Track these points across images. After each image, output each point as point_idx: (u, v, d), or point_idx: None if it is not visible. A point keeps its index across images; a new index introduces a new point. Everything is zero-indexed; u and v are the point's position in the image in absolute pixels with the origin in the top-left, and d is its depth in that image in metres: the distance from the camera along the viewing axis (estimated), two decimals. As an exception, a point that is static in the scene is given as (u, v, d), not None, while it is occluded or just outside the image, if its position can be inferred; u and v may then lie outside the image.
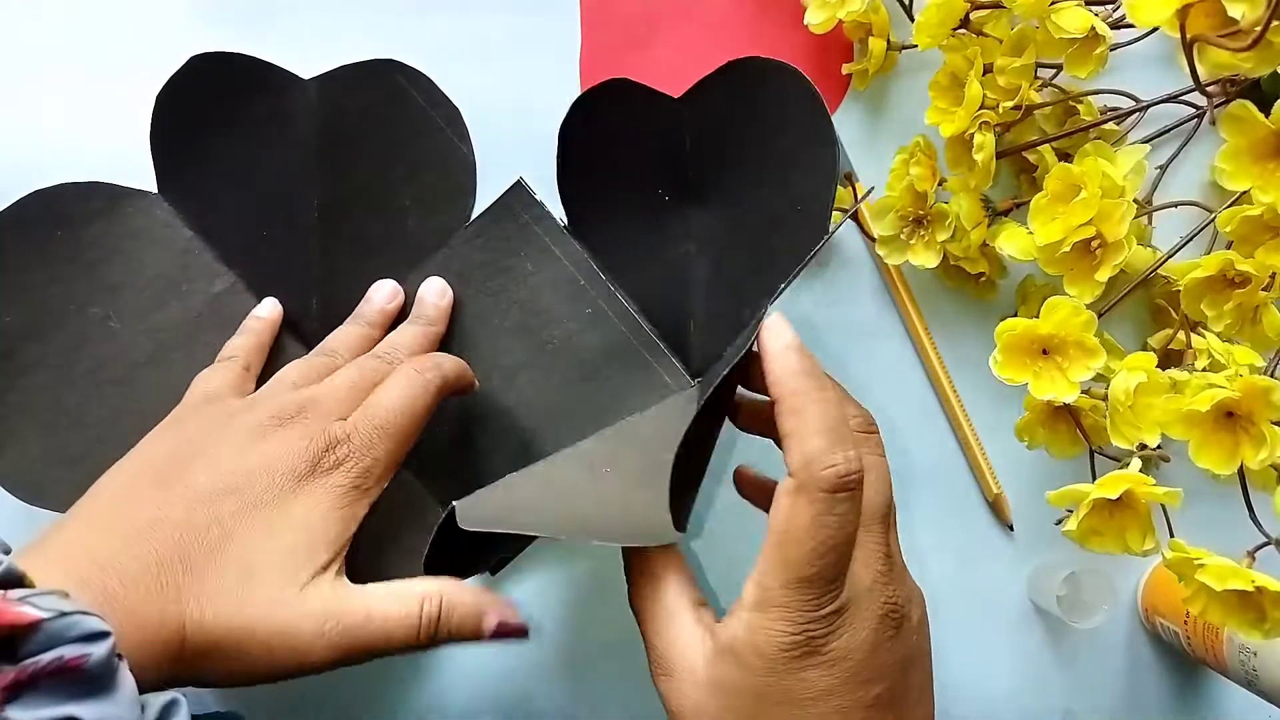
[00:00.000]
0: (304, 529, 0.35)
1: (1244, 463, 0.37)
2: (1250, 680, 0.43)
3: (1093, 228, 0.39)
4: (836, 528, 0.31)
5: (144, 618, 0.32)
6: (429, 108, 0.47)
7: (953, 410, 0.49)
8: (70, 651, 0.27)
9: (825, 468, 0.31)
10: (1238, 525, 0.39)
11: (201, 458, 0.37)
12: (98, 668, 0.27)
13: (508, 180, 0.48)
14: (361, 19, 0.49)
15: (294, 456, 0.36)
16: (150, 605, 0.32)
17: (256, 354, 0.44)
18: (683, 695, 0.34)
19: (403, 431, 0.39)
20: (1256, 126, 0.37)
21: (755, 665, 0.32)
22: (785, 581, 0.31)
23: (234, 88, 0.46)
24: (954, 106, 0.44)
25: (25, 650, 0.27)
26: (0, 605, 0.26)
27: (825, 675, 0.32)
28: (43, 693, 0.27)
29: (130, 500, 0.35)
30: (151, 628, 0.32)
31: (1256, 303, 0.41)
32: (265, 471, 0.36)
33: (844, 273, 0.50)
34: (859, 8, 0.45)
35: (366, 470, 0.37)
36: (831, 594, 0.31)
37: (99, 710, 0.27)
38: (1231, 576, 0.35)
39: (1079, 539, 0.39)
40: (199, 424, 0.39)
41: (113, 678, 0.28)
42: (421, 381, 0.40)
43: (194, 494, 0.35)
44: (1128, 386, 0.38)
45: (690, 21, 0.49)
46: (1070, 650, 0.49)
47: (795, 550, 0.31)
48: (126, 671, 0.29)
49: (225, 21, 0.49)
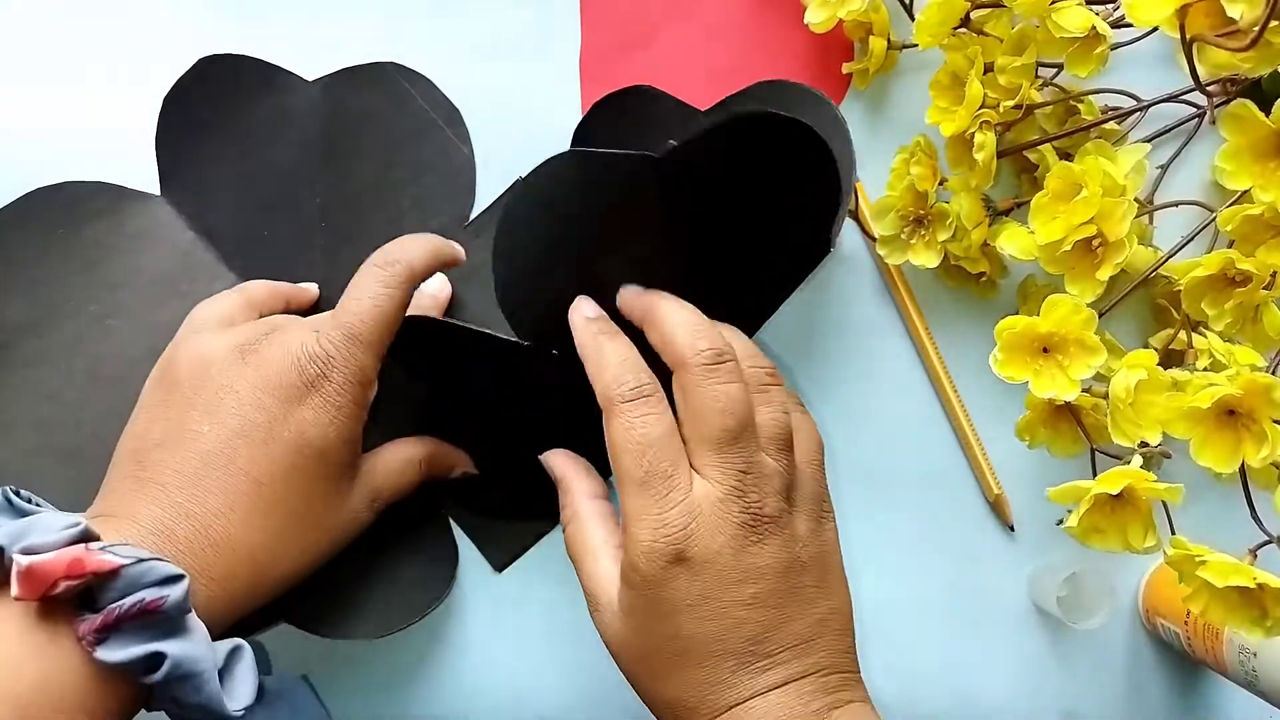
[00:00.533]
0: (320, 456, 0.37)
1: (1245, 461, 0.37)
2: (1250, 681, 0.43)
3: (1093, 227, 0.39)
4: (642, 428, 0.36)
5: (214, 574, 0.34)
6: (430, 109, 0.48)
7: (953, 410, 0.49)
8: (150, 595, 0.30)
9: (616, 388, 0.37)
10: (1239, 524, 0.39)
11: (201, 400, 0.37)
12: (175, 609, 0.30)
13: (507, 180, 0.49)
14: (361, 19, 0.49)
15: (277, 374, 0.37)
16: (215, 565, 0.34)
17: (267, 296, 0.44)
18: (605, 625, 0.38)
19: (379, 327, 0.39)
20: (1257, 126, 0.37)
21: (637, 581, 0.35)
22: (630, 490, 0.36)
23: (239, 89, 0.46)
24: (955, 106, 0.44)
25: (107, 598, 0.30)
26: (84, 555, 0.29)
27: (695, 580, 0.35)
28: (127, 634, 0.30)
29: (158, 462, 0.36)
30: (219, 582, 0.34)
31: (1257, 302, 0.40)
32: (261, 406, 0.37)
33: (844, 273, 0.50)
34: (859, 7, 0.45)
35: (348, 379, 0.38)
36: (673, 491, 0.35)
37: (180, 647, 0.30)
38: (1233, 573, 0.35)
39: (1080, 536, 0.39)
40: (188, 366, 0.38)
41: (187, 620, 0.31)
42: (384, 276, 0.39)
43: (208, 447, 0.36)
44: (1128, 384, 0.38)
45: (690, 21, 0.49)
46: (1070, 651, 0.49)
47: (624, 460, 0.36)
48: (197, 618, 0.32)
49: (225, 22, 0.49)
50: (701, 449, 0.36)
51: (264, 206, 0.47)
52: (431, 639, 0.48)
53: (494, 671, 0.48)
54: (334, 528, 0.39)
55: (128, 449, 0.38)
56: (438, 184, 0.48)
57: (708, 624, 0.35)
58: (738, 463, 0.36)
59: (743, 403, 0.37)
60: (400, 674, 0.48)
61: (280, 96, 0.47)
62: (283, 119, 0.47)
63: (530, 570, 0.48)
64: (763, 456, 0.37)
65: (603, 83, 0.49)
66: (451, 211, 0.48)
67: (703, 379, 0.36)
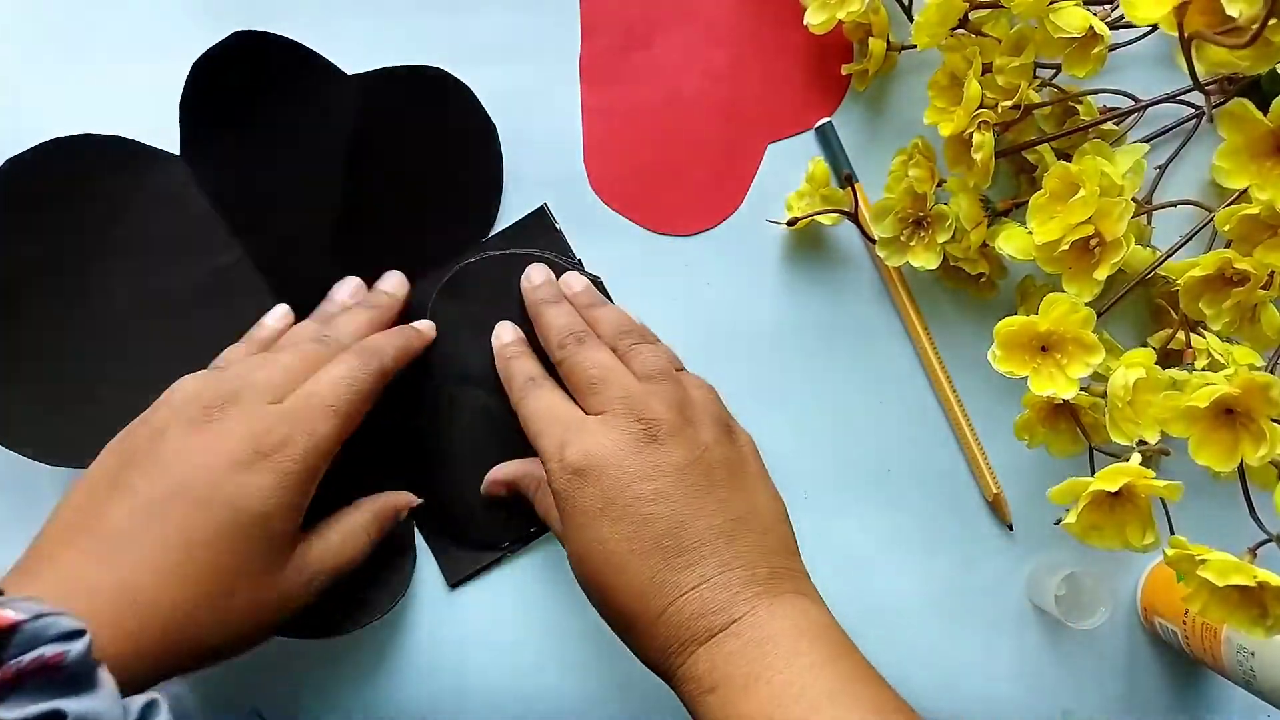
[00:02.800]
0: (260, 522, 0.36)
1: (1244, 460, 0.37)
2: (1248, 680, 0.43)
3: (1091, 226, 0.40)
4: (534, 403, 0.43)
5: (125, 630, 0.33)
6: (467, 121, 0.48)
7: (952, 410, 0.49)
8: (50, 650, 0.28)
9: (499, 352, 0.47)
10: (1238, 523, 0.39)
11: (146, 460, 0.37)
12: (77, 664, 0.29)
13: (506, 180, 0.49)
14: (362, 19, 0.49)
15: (233, 443, 0.37)
16: (128, 620, 0.33)
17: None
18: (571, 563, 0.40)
19: (341, 412, 0.39)
20: (1255, 125, 0.37)
21: (560, 505, 0.39)
22: (539, 447, 0.41)
23: (276, 68, 0.46)
24: (953, 106, 0.44)
25: (7, 654, 0.28)
26: None
27: (598, 485, 0.38)
28: (28, 691, 0.28)
29: (92, 514, 0.36)
30: (132, 639, 0.33)
31: (1255, 301, 0.41)
32: (205, 467, 0.36)
33: (844, 273, 0.50)
34: (859, 8, 0.45)
35: (307, 450, 0.38)
36: (566, 430, 0.40)
37: (82, 705, 0.28)
38: (1233, 572, 0.35)
39: (1078, 534, 0.39)
40: (149, 427, 0.39)
41: (92, 675, 0.30)
42: (359, 364, 0.41)
43: (143, 502, 0.36)
44: (1126, 382, 0.38)
45: (690, 21, 0.49)
46: (1069, 650, 0.49)
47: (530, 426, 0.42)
48: (106, 672, 0.30)
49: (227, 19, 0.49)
50: (586, 402, 0.41)
51: (282, 188, 0.46)
52: (432, 639, 0.48)
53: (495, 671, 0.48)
54: (264, 603, 0.37)
55: (68, 502, 0.37)
56: (461, 198, 0.48)
57: (620, 524, 0.37)
58: (616, 393, 0.40)
59: (606, 358, 0.42)
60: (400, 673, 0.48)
61: (317, 84, 0.46)
62: (316, 106, 0.46)
63: (531, 570, 0.48)
64: (641, 385, 0.41)
65: (603, 83, 0.49)
66: (469, 227, 0.48)
67: (568, 354, 0.43)
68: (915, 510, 0.49)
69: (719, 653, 0.35)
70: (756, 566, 0.38)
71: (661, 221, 0.49)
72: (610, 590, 0.38)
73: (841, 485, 0.49)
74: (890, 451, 0.49)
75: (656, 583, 0.37)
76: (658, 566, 0.37)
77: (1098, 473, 0.38)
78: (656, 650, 0.37)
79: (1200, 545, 0.37)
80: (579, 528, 0.38)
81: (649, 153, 0.49)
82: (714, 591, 0.36)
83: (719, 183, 0.50)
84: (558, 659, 0.48)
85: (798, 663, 0.34)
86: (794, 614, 0.36)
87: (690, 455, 0.39)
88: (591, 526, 0.38)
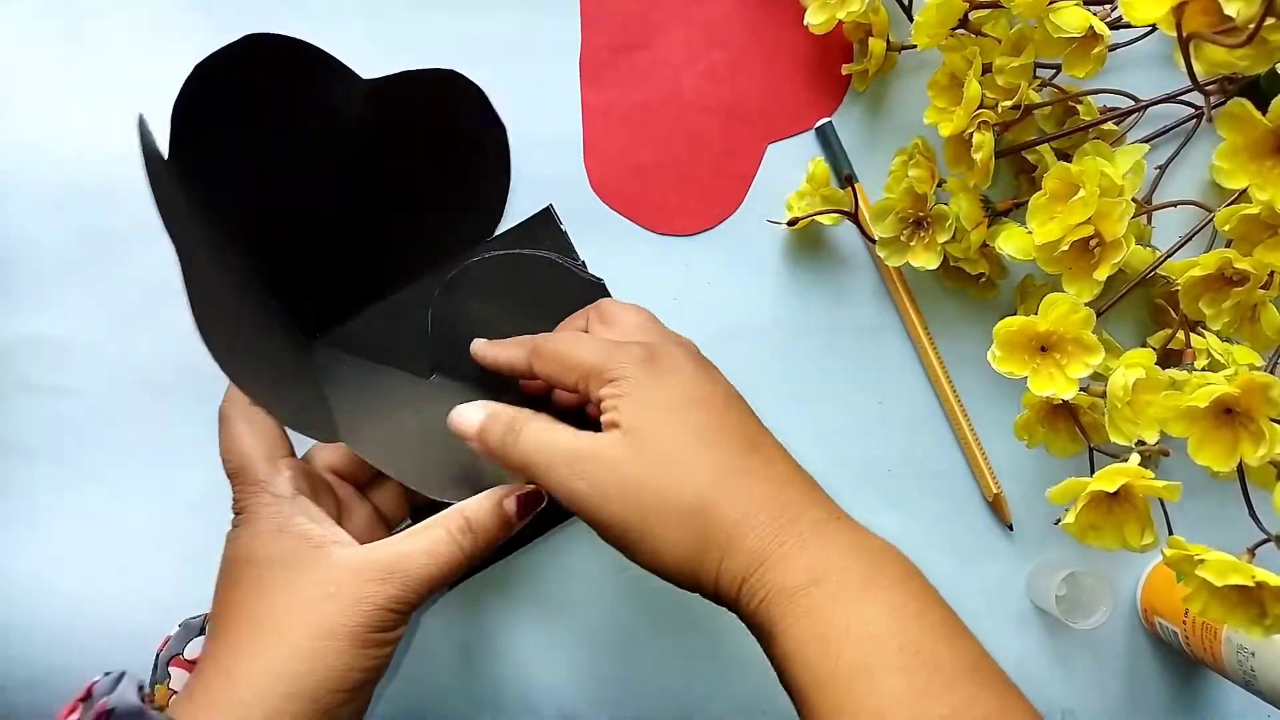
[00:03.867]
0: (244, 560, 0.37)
1: (1243, 460, 0.37)
2: (1248, 680, 0.43)
3: (1091, 227, 0.40)
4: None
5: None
6: (480, 126, 0.48)
7: (952, 410, 0.49)
8: None
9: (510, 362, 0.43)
10: (1237, 523, 0.39)
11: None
12: None
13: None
14: (362, 18, 0.49)
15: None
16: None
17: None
18: (603, 477, 0.36)
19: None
20: (1254, 125, 0.37)
21: (630, 388, 0.37)
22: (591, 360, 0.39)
23: (286, 68, 0.44)
24: (953, 106, 0.44)
25: None
26: None
27: (675, 380, 0.38)
28: None
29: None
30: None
31: (1255, 301, 0.41)
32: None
33: (844, 274, 0.50)
34: (859, 8, 0.45)
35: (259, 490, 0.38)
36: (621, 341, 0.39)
37: None
38: (1232, 572, 0.35)
39: (1077, 534, 0.39)
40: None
41: None
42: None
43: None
44: (1126, 382, 0.38)
45: (690, 21, 0.49)
46: (1069, 650, 0.49)
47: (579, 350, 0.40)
48: None
49: (225, 18, 0.49)
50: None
51: (281, 191, 0.45)
52: (430, 639, 0.48)
53: (495, 672, 0.48)
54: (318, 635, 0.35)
55: None
56: (468, 202, 0.48)
57: (701, 411, 0.37)
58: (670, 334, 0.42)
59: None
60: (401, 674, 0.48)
61: (325, 84, 0.45)
62: (323, 107, 0.45)
63: (530, 570, 0.48)
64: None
65: (603, 83, 0.49)
66: (473, 231, 0.49)
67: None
68: (915, 510, 0.49)
69: (832, 542, 0.35)
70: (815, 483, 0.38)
71: (661, 221, 0.50)
72: (684, 476, 0.35)
73: (841, 485, 0.49)
74: (890, 451, 0.49)
75: (744, 466, 0.36)
76: (743, 449, 0.37)
77: (1096, 473, 0.38)
78: (741, 540, 0.35)
79: (1199, 545, 0.37)
80: (652, 411, 0.37)
81: (649, 153, 0.49)
82: (798, 487, 0.37)
83: (719, 183, 0.50)
84: (558, 659, 0.48)
85: (915, 579, 0.35)
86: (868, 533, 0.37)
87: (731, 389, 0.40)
88: (671, 411, 0.37)
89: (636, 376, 0.37)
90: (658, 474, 0.36)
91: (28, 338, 0.48)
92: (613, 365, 0.38)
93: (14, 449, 0.48)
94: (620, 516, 0.35)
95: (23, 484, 0.48)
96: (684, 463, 0.36)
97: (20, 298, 0.48)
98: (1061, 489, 0.39)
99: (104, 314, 0.49)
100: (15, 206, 0.48)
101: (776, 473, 0.37)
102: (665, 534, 0.35)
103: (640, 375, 0.37)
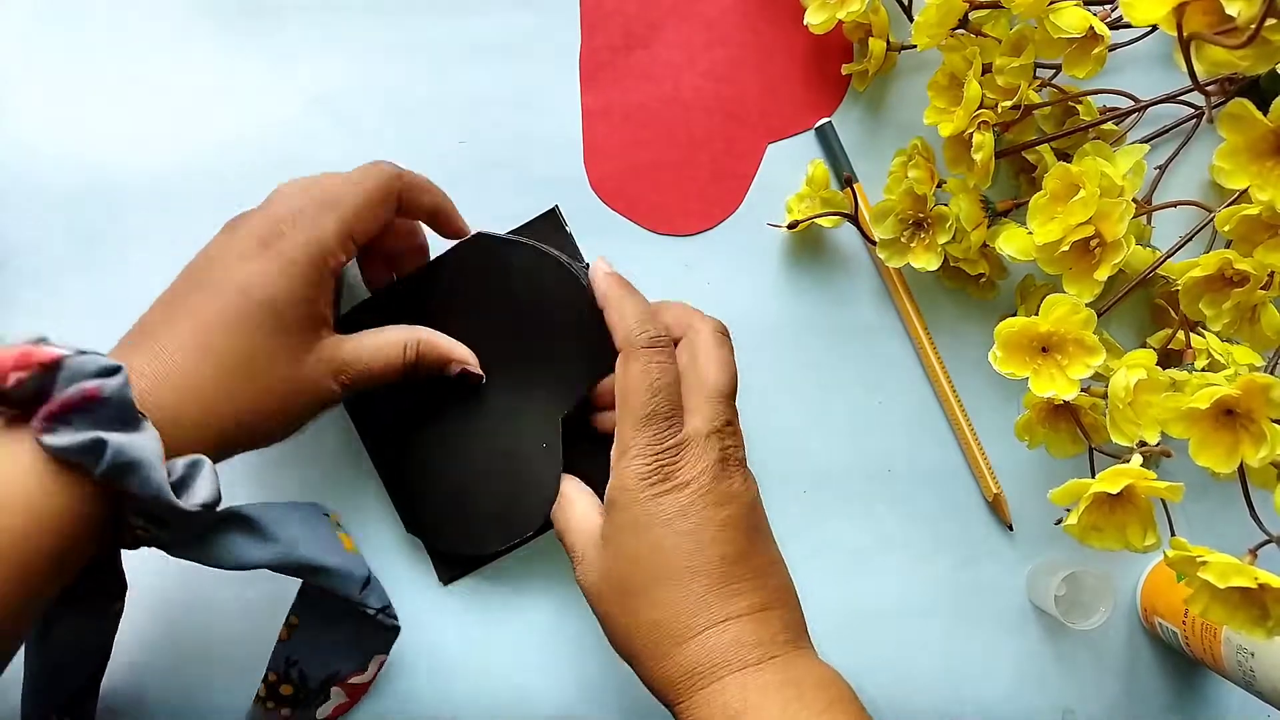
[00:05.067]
0: (267, 307, 0.38)
1: (1244, 461, 0.37)
2: (1248, 681, 0.43)
3: (1091, 227, 0.39)
4: (659, 373, 0.40)
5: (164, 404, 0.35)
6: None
7: (952, 411, 0.49)
8: (90, 384, 0.32)
9: (639, 334, 0.41)
10: (1238, 524, 0.39)
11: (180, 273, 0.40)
12: (117, 397, 0.32)
13: (506, 180, 0.49)
14: (362, 18, 0.49)
15: (242, 238, 0.39)
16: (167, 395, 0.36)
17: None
18: (588, 566, 0.41)
19: (350, 205, 0.40)
20: (1255, 125, 0.37)
21: (624, 500, 0.39)
22: (632, 425, 0.40)
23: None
24: (953, 106, 0.44)
25: (55, 388, 0.31)
26: (31, 349, 0.32)
27: (679, 497, 0.39)
28: (73, 422, 0.31)
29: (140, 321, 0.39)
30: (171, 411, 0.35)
31: (1255, 301, 0.41)
32: (219, 259, 0.39)
33: (844, 274, 0.50)
34: (859, 8, 0.45)
35: (309, 240, 0.39)
36: (671, 429, 0.40)
37: (122, 438, 0.32)
38: (1234, 573, 0.35)
39: (1079, 535, 0.39)
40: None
41: (133, 416, 0.33)
42: (368, 167, 0.41)
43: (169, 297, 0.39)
44: (1127, 383, 0.38)
45: (690, 21, 0.49)
46: (1069, 651, 0.49)
47: (634, 399, 0.40)
48: (150, 424, 0.33)
49: (225, 19, 0.49)
50: (700, 397, 0.41)
51: None
52: (429, 637, 0.48)
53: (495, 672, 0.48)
54: (287, 384, 0.39)
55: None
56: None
57: (685, 539, 0.38)
58: (727, 414, 0.41)
59: (733, 366, 0.43)
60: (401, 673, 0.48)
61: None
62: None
63: (530, 570, 0.48)
64: (737, 418, 0.42)
65: (603, 83, 0.49)
66: None
67: (718, 345, 0.42)
68: (915, 511, 0.49)
69: (753, 684, 0.36)
70: (794, 611, 0.40)
71: (661, 221, 0.49)
72: (647, 603, 0.38)
73: (841, 485, 0.49)
74: (890, 452, 0.49)
75: (702, 601, 0.38)
76: (706, 586, 0.38)
77: (1099, 474, 0.38)
78: (676, 671, 0.37)
79: (1201, 546, 0.37)
80: (640, 531, 0.39)
81: (649, 153, 0.49)
82: (756, 625, 0.38)
83: (719, 183, 0.50)
84: (557, 659, 0.48)
85: (830, 712, 0.36)
86: (823, 669, 0.38)
87: (753, 495, 0.41)
88: (654, 531, 0.38)
89: (637, 487, 0.39)
90: (616, 587, 0.39)
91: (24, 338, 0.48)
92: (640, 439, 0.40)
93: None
94: (596, 590, 0.40)
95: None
96: (643, 595, 0.38)
97: (18, 298, 0.48)
98: (1064, 490, 0.39)
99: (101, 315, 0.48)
100: (13, 206, 0.48)
101: (739, 606, 0.38)
102: (626, 626, 0.39)
103: (643, 488, 0.39)
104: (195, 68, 0.49)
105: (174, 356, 0.36)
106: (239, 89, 0.49)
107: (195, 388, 0.36)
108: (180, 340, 0.37)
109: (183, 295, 0.38)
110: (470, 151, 0.49)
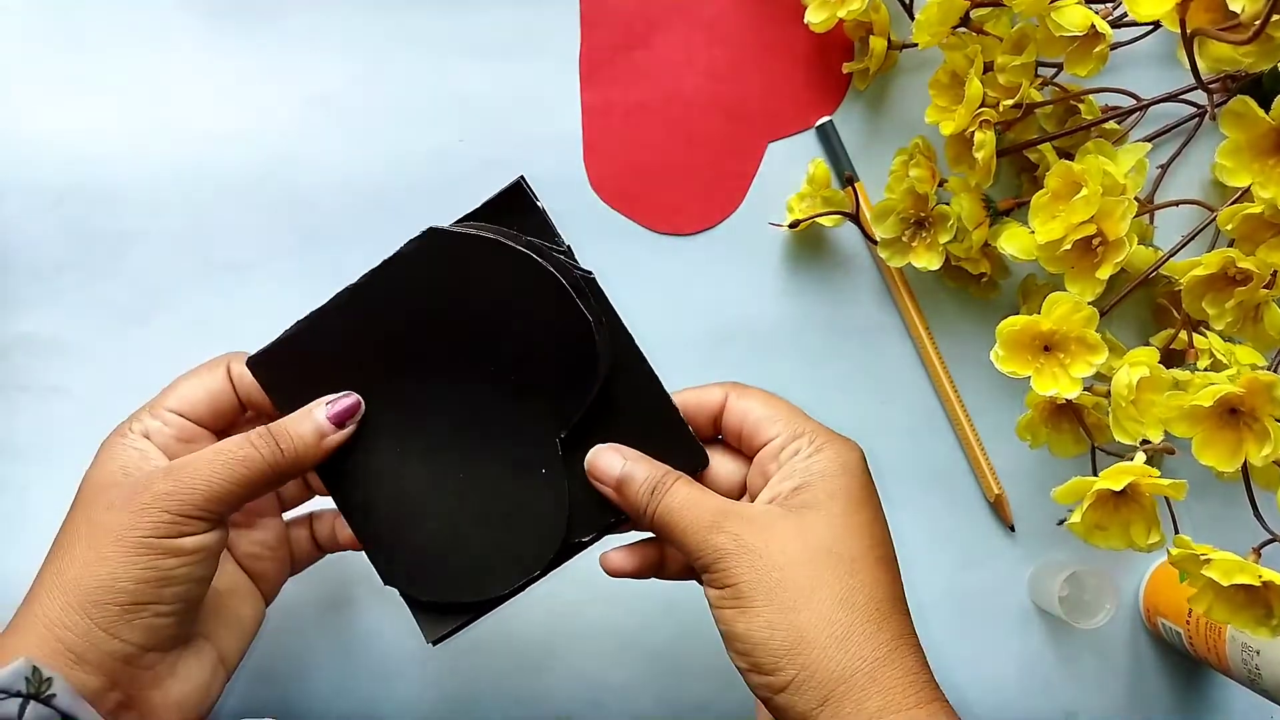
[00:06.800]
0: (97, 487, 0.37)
1: (1248, 459, 0.37)
2: (1253, 679, 0.43)
3: (1093, 226, 0.39)
4: None
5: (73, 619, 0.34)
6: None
7: (954, 411, 0.49)
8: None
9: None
10: (1241, 524, 0.39)
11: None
12: None
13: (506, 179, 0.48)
14: (361, 16, 0.49)
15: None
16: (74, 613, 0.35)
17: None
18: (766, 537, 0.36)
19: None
20: (1257, 122, 0.37)
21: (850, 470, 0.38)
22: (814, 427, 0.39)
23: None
24: (954, 105, 0.44)
25: None
26: None
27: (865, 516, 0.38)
28: None
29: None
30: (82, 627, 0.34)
31: (1258, 300, 0.40)
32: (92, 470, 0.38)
33: (845, 274, 0.50)
34: (859, 7, 0.45)
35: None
36: None
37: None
38: (1238, 571, 0.35)
39: (1083, 534, 0.39)
40: None
41: None
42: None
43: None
44: (1130, 381, 0.38)
45: (690, 21, 0.49)
46: (1072, 651, 0.49)
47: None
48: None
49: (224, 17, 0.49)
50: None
51: None
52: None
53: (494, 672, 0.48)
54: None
55: None
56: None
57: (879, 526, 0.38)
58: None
59: None
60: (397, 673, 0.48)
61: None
62: None
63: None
64: None
65: (603, 82, 0.49)
66: None
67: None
68: (916, 510, 0.49)
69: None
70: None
71: (661, 221, 0.49)
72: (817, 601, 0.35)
73: (843, 486, 0.49)
74: (892, 451, 0.49)
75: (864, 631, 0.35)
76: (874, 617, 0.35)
77: (1102, 472, 0.38)
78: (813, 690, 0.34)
79: (1205, 545, 0.37)
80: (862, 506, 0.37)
81: (649, 152, 0.49)
82: (918, 657, 0.36)
83: (719, 182, 0.49)
84: (558, 659, 0.48)
85: None
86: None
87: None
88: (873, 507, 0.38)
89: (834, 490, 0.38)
90: (796, 572, 0.35)
91: (22, 337, 0.48)
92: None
93: (7, 448, 0.48)
94: (745, 579, 0.35)
95: (16, 483, 0.48)
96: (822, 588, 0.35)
97: (15, 297, 0.48)
98: (1067, 488, 0.39)
99: (99, 314, 0.48)
100: (11, 206, 0.48)
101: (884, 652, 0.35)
102: (764, 627, 0.34)
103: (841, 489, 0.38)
104: (195, 67, 0.49)
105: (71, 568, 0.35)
106: (239, 88, 0.49)
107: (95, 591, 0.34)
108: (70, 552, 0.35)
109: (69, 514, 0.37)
110: (470, 150, 0.49)
